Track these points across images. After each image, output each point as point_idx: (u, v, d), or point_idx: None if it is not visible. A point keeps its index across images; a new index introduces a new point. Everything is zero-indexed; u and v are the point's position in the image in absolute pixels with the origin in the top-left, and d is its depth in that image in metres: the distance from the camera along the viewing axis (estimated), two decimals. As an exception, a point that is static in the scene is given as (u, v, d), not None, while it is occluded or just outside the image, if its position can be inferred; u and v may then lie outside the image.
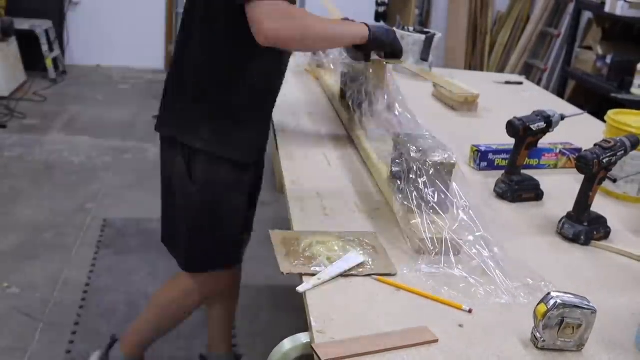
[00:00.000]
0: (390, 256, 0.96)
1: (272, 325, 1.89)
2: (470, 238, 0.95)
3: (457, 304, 0.82)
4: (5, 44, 3.95)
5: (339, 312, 0.82)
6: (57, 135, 3.47)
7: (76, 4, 4.72)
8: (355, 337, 0.77)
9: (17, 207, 2.61)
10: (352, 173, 1.28)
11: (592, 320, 0.77)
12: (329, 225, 1.04)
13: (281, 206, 1.21)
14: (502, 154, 1.34)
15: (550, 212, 1.16)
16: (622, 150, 1.06)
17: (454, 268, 0.92)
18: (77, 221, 2.52)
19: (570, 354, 0.77)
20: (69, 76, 4.55)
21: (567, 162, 1.39)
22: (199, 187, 1.21)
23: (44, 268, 2.18)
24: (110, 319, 1.93)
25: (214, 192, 1.23)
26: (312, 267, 0.89)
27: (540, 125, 1.17)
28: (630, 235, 1.11)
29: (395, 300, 0.86)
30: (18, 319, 1.91)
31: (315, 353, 0.74)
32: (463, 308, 0.82)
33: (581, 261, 1.01)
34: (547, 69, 4.37)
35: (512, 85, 2.20)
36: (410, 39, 1.91)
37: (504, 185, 1.21)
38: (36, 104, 3.93)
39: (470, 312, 0.82)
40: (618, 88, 3.27)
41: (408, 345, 0.76)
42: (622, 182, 1.24)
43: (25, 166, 3.02)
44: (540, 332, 0.77)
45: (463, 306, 0.82)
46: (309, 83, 1.94)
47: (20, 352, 1.77)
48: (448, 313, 0.84)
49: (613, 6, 3.35)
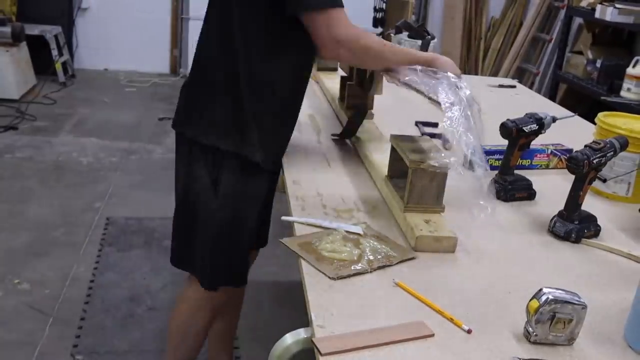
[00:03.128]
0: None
1: (274, 320, 1.91)
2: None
3: (458, 321, 0.81)
4: (16, 48, 4.00)
5: (339, 308, 0.83)
6: (66, 136, 3.53)
7: (85, 10, 4.79)
8: (355, 332, 0.78)
9: (28, 206, 2.65)
10: (352, 173, 1.30)
11: (582, 315, 0.78)
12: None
13: (282, 205, 1.22)
14: (494, 154, 1.36)
15: (542, 211, 1.17)
16: (611, 151, 1.07)
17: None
18: (86, 220, 2.56)
19: (562, 348, 0.78)
20: (77, 80, 4.64)
21: (558, 163, 1.42)
22: (224, 201, 1.16)
23: (53, 265, 2.21)
24: (115, 314, 1.97)
25: (240, 205, 1.18)
26: (353, 267, 0.91)
27: (532, 127, 1.19)
28: (620, 233, 1.13)
29: (394, 295, 0.87)
30: (28, 315, 1.93)
31: (316, 347, 0.75)
32: (462, 327, 0.80)
33: (572, 258, 1.03)
34: (539, 73, 4.42)
35: (506, 89, 2.23)
36: (407, 44, 1.94)
37: (497, 185, 1.23)
38: (46, 106, 3.99)
39: (470, 333, 0.79)
40: (608, 91, 3.32)
41: (405, 340, 0.77)
42: (611, 182, 1.25)
43: (35, 166, 3.06)
44: (532, 327, 0.78)
45: (463, 324, 0.80)
46: (310, 86, 1.98)
47: (30, 347, 1.79)
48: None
49: (603, 12, 3.40)
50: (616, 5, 3.34)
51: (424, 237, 0.98)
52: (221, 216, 1.18)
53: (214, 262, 1.23)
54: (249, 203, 1.20)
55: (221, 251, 1.21)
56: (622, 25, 3.40)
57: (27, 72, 4.18)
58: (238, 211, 1.19)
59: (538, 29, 4.48)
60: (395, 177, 1.13)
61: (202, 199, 1.19)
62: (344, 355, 0.74)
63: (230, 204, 1.18)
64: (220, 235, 1.20)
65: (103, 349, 1.82)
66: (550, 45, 4.38)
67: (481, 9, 4.77)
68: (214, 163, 1.16)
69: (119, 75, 4.83)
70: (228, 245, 1.21)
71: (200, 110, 1.18)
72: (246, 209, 1.20)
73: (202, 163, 1.17)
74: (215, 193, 1.17)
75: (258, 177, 1.19)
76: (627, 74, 3.19)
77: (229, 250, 1.22)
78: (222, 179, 1.16)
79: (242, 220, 1.20)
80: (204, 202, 1.19)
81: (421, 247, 0.98)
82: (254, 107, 1.14)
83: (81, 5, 4.79)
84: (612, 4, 3.37)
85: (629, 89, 3.18)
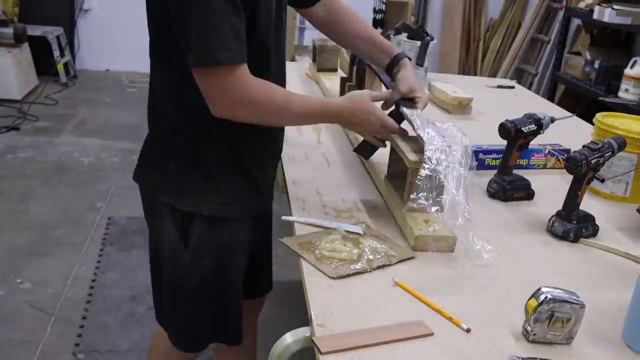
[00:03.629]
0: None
1: (274, 320, 1.91)
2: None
3: (457, 320, 0.82)
4: (18, 49, 4.01)
5: (339, 307, 0.83)
6: (68, 137, 3.54)
7: (86, 11, 4.82)
8: (354, 331, 0.78)
9: (30, 205, 2.66)
10: (351, 173, 1.30)
11: (581, 314, 0.78)
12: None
13: (282, 206, 1.23)
14: (492, 153, 1.37)
15: (540, 210, 1.18)
16: (609, 151, 1.08)
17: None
18: (87, 219, 2.57)
19: (560, 347, 0.79)
20: (79, 80, 4.65)
21: (555, 162, 1.42)
22: (197, 255, 1.02)
23: (55, 264, 2.22)
24: (116, 313, 1.98)
25: (217, 256, 1.03)
26: (353, 266, 0.91)
27: (531, 128, 1.19)
28: (617, 232, 1.13)
29: (393, 295, 0.88)
30: (30, 314, 1.94)
31: (316, 345, 0.75)
32: (462, 326, 0.81)
33: (570, 258, 1.03)
34: (537, 74, 4.43)
35: (504, 89, 2.24)
36: (407, 45, 1.95)
37: (496, 185, 1.23)
38: (48, 107, 4.00)
39: (469, 332, 0.80)
40: (606, 92, 3.33)
41: (404, 339, 0.78)
42: (609, 182, 1.26)
43: (37, 167, 3.08)
44: (531, 326, 0.78)
45: (462, 323, 0.81)
46: (310, 86, 1.98)
47: (32, 346, 1.80)
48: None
49: (601, 13, 3.41)
50: (614, 6, 3.35)
51: (423, 237, 0.98)
52: (198, 270, 1.03)
53: (194, 320, 1.08)
54: (228, 253, 1.05)
55: (201, 307, 1.06)
56: (620, 26, 3.41)
57: (29, 72, 4.20)
58: (217, 264, 1.04)
59: (536, 30, 4.49)
60: (395, 177, 1.14)
61: (173, 255, 1.04)
62: (343, 354, 0.74)
63: (206, 255, 1.03)
64: (198, 290, 1.05)
65: (104, 347, 1.83)
66: (548, 46, 4.39)
67: (480, 10, 4.78)
68: (182, 218, 1.02)
69: (120, 76, 4.85)
70: (209, 300, 1.06)
71: (153, 162, 1.05)
72: (227, 258, 1.05)
73: (168, 219, 1.02)
74: (185, 247, 1.02)
75: (234, 226, 1.04)
76: (625, 75, 3.20)
77: (211, 307, 1.06)
78: (191, 233, 1.01)
79: (223, 271, 1.05)
80: (176, 258, 1.04)
81: (420, 246, 0.99)
82: (207, 160, 0.99)
83: (83, 7, 4.81)
84: (610, 5, 3.38)
85: (627, 89, 3.19)
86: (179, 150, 1.00)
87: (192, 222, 1.01)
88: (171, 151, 1.01)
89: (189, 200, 1.00)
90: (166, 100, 1.01)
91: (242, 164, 1.02)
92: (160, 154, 1.03)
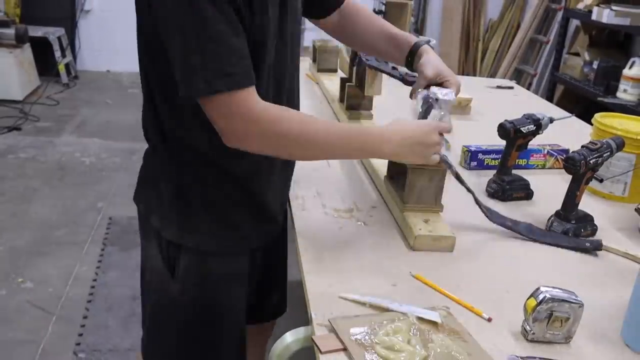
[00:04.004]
0: (389, 254, 0.98)
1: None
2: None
3: (477, 310, 0.80)
4: (20, 50, 4.03)
5: (339, 306, 0.83)
6: (69, 137, 3.55)
7: (87, 12, 4.83)
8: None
9: (31, 205, 2.67)
10: (351, 173, 1.31)
11: (579, 313, 0.79)
12: (328, 223, 1.07)
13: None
14: (491, 153, 1.37)
15: (539, 210, 1.18)
16: (608, 151, 1.08)
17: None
18: (88, 219, 2.58)
19: (559, 346, 0.79)
20: (80, 81, 4.67)
21: (554, 163, 1.43)
22: (185, 285, 0.92)
23: (56, 264, 2.23)
24: (117, 312, 1.99)
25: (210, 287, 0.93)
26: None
27: (530, 128, 1.20)
28: (616, 232, 1.14)
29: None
30: (32, 313, 1.95)
31: (316, 345, 0.75)
32: (483, 315, 0.79)
33: (569, 257, 1.04)
34: (536, 74, 4.44)
35: (503, 90, 2.24)
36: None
37: (495, 185, 1.24)
38: (49, 107, 4.01)
39: (490, 321, 0.79)
40: (604, 92, 3.34)
41: (405, 338, 0.78)
42: (608, 182, 1.26)
43: (39, 167, 3.09)
44: (530, 325, 0.79)
45: (483, 313, 0.79)
46: (310, 87, 1.98)
47: (33, 345, 1.80)
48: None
49: (599, 14, 3.42)
50: (613, 7, 3.35)
51: (422, 237, 0.99)
52: (186, 301, 0.93)
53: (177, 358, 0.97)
54: (223, 285, 0.94)
55: (187, 344, 0.95)
56: (618, 27, 3.42)
57: (31, 73, 4.21)
58: (207, 296, 0.93)
59: (535, 30, 4.50)
60: (394, 177, 1.14)
61: (160, 285, 0.95)
62: (343, 353, 0.74)
63: (197, 286, 0.92)
64: (188, 324, 0.94)
65: (105, 347, 1.83)
66: (547, 47, 4.40)
67: (479, 11, 4.79)
68: (167, 246, 0.93)
69: (121, 77, 4.86)
70: (194, 340, 0.95)
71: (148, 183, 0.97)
72: (222, 290, 0.94)
73: (155, 243, 0.94)
74: (172, 276, 0.92)
75: (228, 259, 0.94)
76: (623, 75, 3.21)
77: (199, 345, 0.95)
78: (179, 263, 0.92)
79: (218, 303, 0.94)
80: (162, 288, 0.95)
81: (420, 246, 0.99)
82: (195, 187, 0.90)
83: (84, 7, 4.82)
84: (608, 6, 3.39)
85: (625, 90, 3.19)
86: (167, 174, 0.92)
87: (179, 252, 0.91)
88: (162, 171, 0.93)
89: (173, 228, 0.90)
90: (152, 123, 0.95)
91: (241, 192, 0.92)
92: (151, 172, 0.97)
